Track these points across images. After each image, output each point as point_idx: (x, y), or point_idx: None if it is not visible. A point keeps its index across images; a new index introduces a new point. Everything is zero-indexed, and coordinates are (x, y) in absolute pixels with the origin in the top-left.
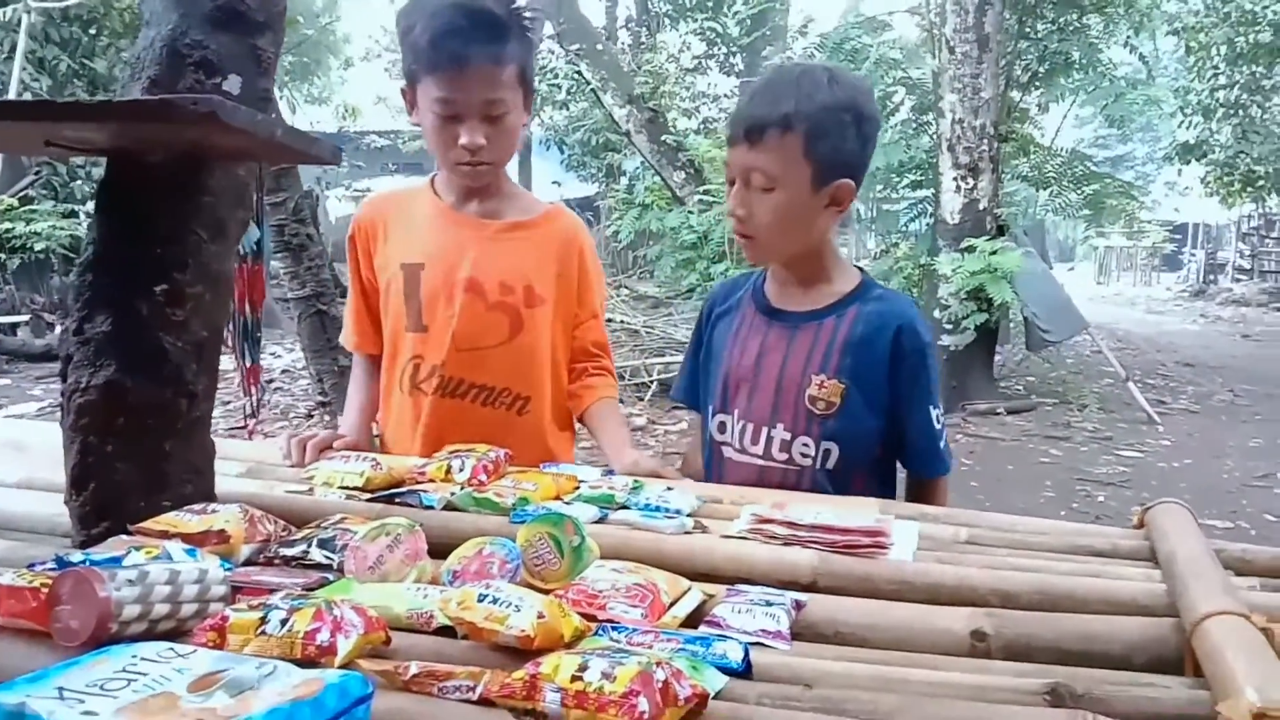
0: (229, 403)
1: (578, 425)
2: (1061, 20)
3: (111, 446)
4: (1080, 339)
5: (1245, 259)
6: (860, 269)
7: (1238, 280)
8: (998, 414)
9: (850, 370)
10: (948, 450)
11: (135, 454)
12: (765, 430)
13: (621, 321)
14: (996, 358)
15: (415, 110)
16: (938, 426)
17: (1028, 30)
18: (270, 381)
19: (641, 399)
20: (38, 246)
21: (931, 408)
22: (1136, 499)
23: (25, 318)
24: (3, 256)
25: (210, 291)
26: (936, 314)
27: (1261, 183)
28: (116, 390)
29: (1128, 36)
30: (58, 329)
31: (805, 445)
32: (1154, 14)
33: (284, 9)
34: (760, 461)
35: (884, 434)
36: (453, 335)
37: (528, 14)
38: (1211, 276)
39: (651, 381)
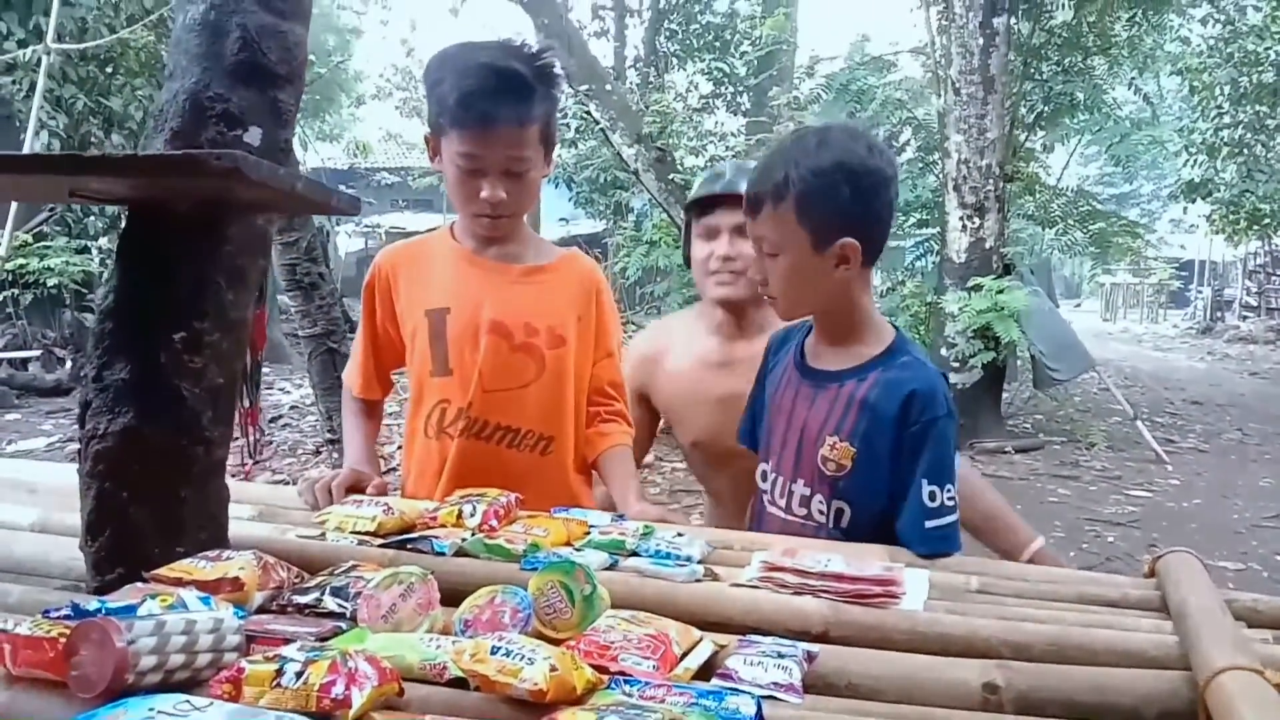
0: (234, 438)
1: None
2: (1066, 62)
3: (128, 493)
4: (1088, 377)
5: (1252, 296)
6: (897, 329)
7: (1244, 317)
8: (1006, 452)
9: (862, 434)
10: (945, 533)
11: (151, 500)
12: (789, 485)
13: None
14: (1004, 395)
15: (438, 158)
16: (931, 504)
17: (1032, 72)
18: (278, 418)
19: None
20: (50, 282)
21: (926, 481)
22: (1146, 540)
23: (36, 353)
24: (15, 292)
25: (228, 339)
26: (944, 352)
27: (1267, 221)
28: (134, 437)
29: (1132, 78)
30: (69, 364)
31: (820, 503)
32: (1158, 54)
33: (304, 61)
34: (784, 515)
35: (893, 499)
36: (479, 376)
37: (554, 72)
38: (1218, 313)
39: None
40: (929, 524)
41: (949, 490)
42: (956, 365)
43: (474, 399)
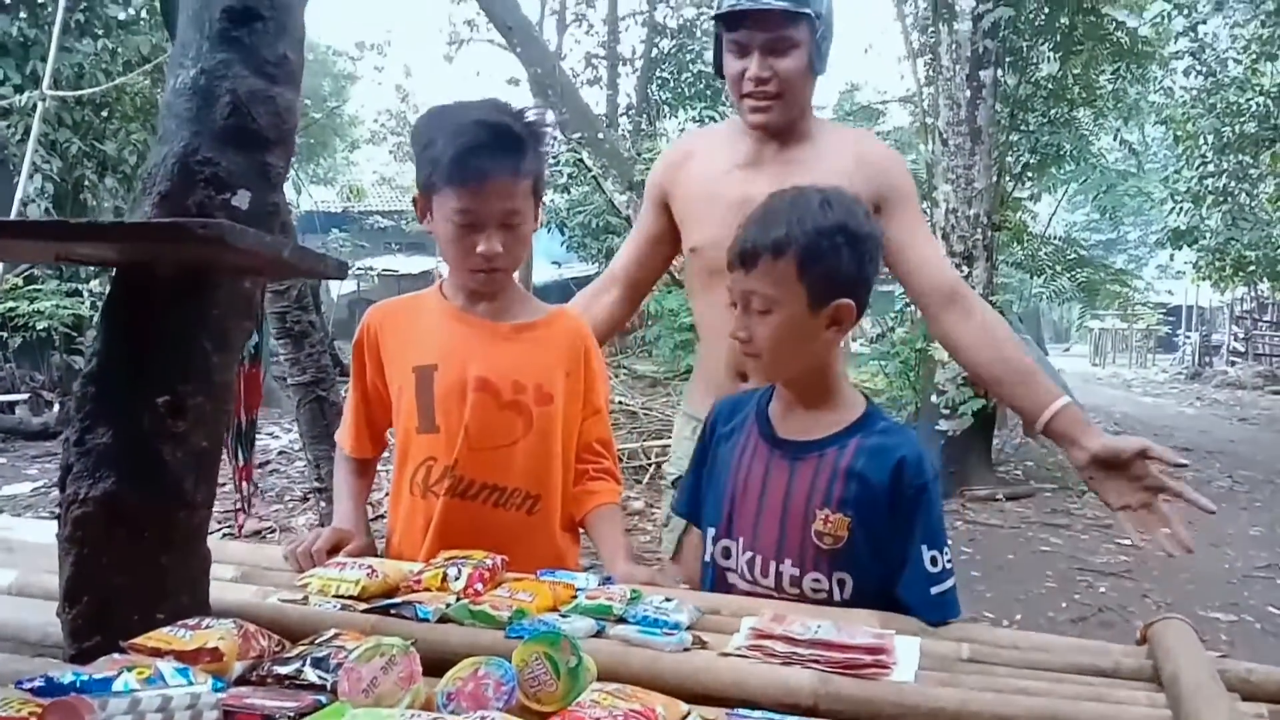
0: (222, 484)
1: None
2: (1052, 113)
3: (107, 559)
4: None
5: (1239, 341)
6: (866, 398)
7: (1233, 363)
8: (997, 500)
9: (854, 503)
10: (946, 597)
11: (131, 566)
12: (773, 564)
13: (620, 403)
14: (994, 442)
15: (428, 218)
16: (933, 569)
17: (1019, 123)
18: (266, 463)
19: (640, 481)
20: (40, 325)
21: (926, 547)
22: (1139, 591)
23: (24, 396)
24: (4, 335)
25: (212, 402)
26: (934, 399)
27: (1253, 268)
28: (114, 503)
29: (1117, 129)
30: (56, 407)
31: (817, 580)
32: (1142, 105)
33: (295, 125)
34: (775, 595)
35: (892, 565)
36: (465, 433)
37: (543, 128)
38: (1207, 358)
39: (650, 464)
40: (934, 590)
41: (947, 554)
42: (947, 412)
43: (460, 457)
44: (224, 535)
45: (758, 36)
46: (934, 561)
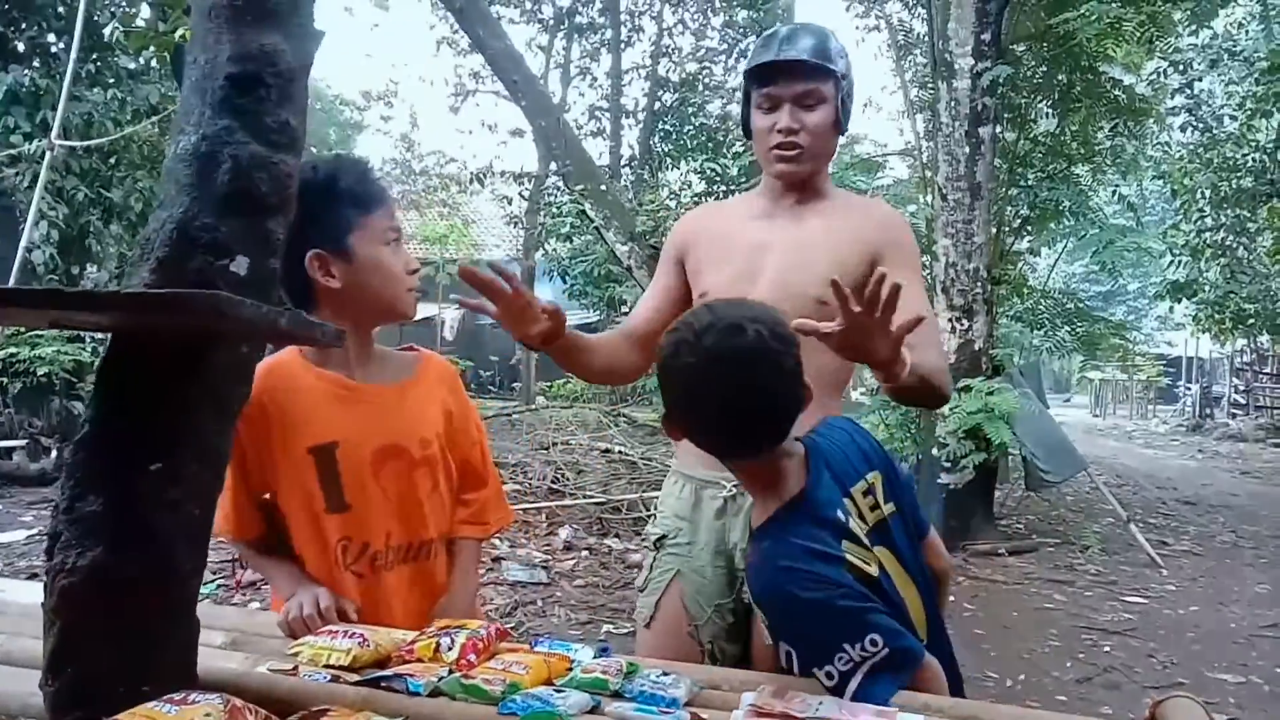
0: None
1: None
2: (1050, 169)
3: (92, 630)
4: (1080, 475)
5: (1240, 394)
6: (810, 464)
7: (1234, 415)
8: (999, 554)
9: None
10: (866, 698)
11: (117, 638)
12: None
13: (619, 453)
14: (996, 496)
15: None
16: (830, 684)
17: (1018, 178)
18: None
19: (638, 533)
20: (40, 371)
21: (817, 669)
22: (1144, 650)
23: (22, 442)
24: (4, 380)
25: (207, 470)
26: (935, 452)
27: (1252, 321)
28: (102, 574)
29: (1116, 185)
30: (54, 453)
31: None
32: (1139, 160)
33: (295, 191)
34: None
35: None
36: (389, 504)
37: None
38: (1208, 410)
39: (648, 515)
40: (847, 699)
41: (841, 657)
42: (948, 465)
43: (394, 528)
44: (218, 586)
45: (787, 91)
46: (829, 675)
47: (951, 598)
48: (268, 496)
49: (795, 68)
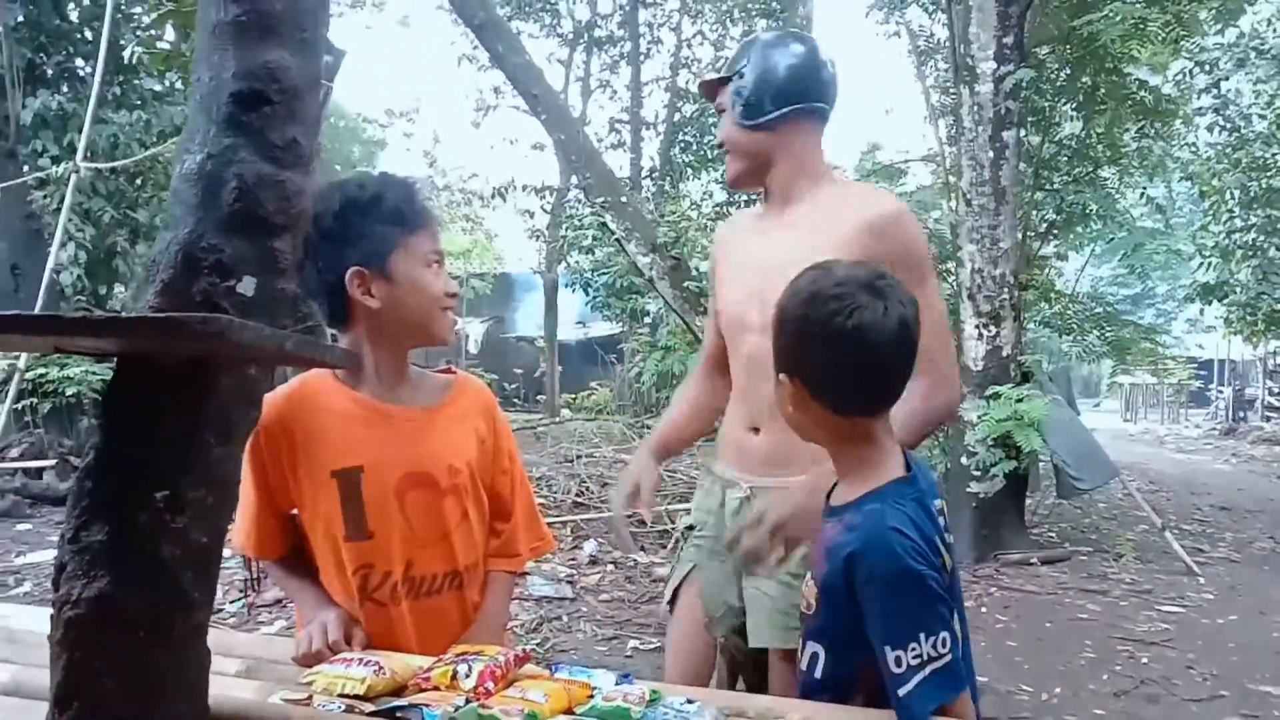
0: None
1: None
2: (1076, 172)
3: (100, 662)
4: (1112, 482)
5: (1274, 396)
6: (908, 466)
7: (1268, 418)
8: (1031, 564)
9: (824, 579)
10: (912, 699)
11: (125, 670)
12: None
13: None
14: (1028, 504)
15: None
16: (896, 670)
17: (1044, 182)
18: None
19: (664, 546)
20: (69, 391)
21: (889, 649)
22: (1182, 661)
23: (52, 462)
24: (34, 401)
25: (215, 496)
26: (964, 460)
27: None
28: (109, 604)
29: (1143, 187)
30: None
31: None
32: (1167, 162)
33: (304, 211)
34: None
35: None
36: (412, 533)
37: None
38: (1240, 413)
39: (674, 529)
40: (901, 691)
41: (913, 648)
42: (978, 474)
43: (414, 557)
44: (239, 604)
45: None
46: (898, 661)
47: (983, 609)
48: (295, 513)
49: (706, 90)
